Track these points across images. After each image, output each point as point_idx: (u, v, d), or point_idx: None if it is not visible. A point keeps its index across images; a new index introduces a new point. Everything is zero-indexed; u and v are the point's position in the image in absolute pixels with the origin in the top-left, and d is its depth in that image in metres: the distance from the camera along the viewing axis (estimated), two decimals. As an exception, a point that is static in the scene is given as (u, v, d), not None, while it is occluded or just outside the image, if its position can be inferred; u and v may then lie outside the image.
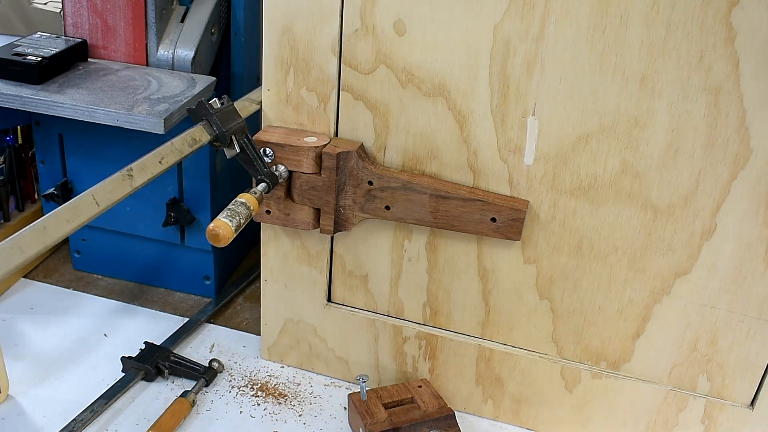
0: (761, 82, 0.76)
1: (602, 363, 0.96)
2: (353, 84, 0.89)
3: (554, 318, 0.95)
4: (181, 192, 1.14)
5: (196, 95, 1.01)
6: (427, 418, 0.94)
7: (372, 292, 1.01)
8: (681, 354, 0.92)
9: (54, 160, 1.16)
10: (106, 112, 0.94)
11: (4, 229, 1.20)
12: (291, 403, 1.03)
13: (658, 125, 0.81)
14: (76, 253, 1.26)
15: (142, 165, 0.76)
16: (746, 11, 0.74)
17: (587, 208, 0.87)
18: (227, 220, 0.77)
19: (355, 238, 0.98)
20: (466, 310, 0.98)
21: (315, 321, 1.05)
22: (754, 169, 0.80)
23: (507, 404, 1.02)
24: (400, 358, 1.04)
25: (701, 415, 0.94)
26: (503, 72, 0.83)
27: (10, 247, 0.63)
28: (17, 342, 1.10)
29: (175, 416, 0.96)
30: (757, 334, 0.88)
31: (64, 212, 0.68)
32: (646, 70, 0.79)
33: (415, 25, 0.84)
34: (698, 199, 0.83)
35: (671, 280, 0.88)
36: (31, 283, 1.24)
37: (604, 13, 0.77)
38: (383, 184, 0.90)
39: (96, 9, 1.07)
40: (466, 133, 0.88)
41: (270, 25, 0.89)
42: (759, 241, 0.83)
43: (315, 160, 0.90)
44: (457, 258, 0.95)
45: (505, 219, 0.88)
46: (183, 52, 1.08)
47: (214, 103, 0.83)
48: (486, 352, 0.99)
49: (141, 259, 1.23)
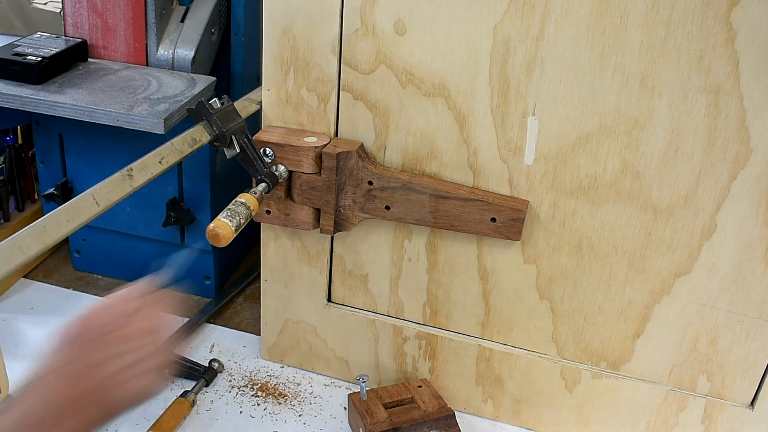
0: (761, 82, 0.76)
1: (602, 363, 0.96)
2: (353, 84, 0.89)
3: (554, 318, 0.95)
4: (181, 192, 1.14)
5: (196, 95, 1.00)
6: (427, 418, 0.94)
7: (372, 292, 1.01)
8: (681, 354, 0.92)
9: (54, 160, 1.16)
10: (106, 112, 0.94)
11: (4, 229, 1.20)
12: (291, 403, 1.03)
13: (658, 125, 0.81)
14: (76, 253, 1.26)
15: (142, 165, 0.76)
16: (746, 11, 0.74)
17: (587, 208, 0.87)
18: (227, 220, 0.77)
19: (355, 238, 0.98)
20: (466, 310, 0.98)
21: (315, 321, 1.05)
22: (754, 169, 0.80)
23: (507, 404, 1.02)
24: (400, 358, 1.04)
25: (701, 415, 0.94)
26: (503, 72, 0.83)
27: (10, 247, 0.63)
28: (17, 342, 1.10)
29: (175, 416, 0.96)
30: (757, 334, 0.88)
31: (64, 212, 0.68)
32: (646, 70, 0.79)
33: (415, 25, 0.84)
34: (698, 199, 0.83)
35: (671, 280, 0.88)
36: (31, 283, 1.23)
37: (604, 13, 0.77)
38: (383, 184, 0.90)
39: (96, 9, 1.07)
40: (466, 133, 0.88)
41: (270, 25, 0.89)
42: (759, 241, 0.83)
43: (315, 160, 0.90)
44: (457, 258, 0.95)
45: (505, 219, 0.88)
46: (183, 52, 1.08)
47: (214, 103, 0.83)
48: (486, 352, 0.99)
49: (141, 259, 1.23)
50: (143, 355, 0.64)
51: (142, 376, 0.64)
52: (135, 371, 0.63)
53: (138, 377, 0.63)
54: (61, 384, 0.59)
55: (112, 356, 0.63)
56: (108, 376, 0.62)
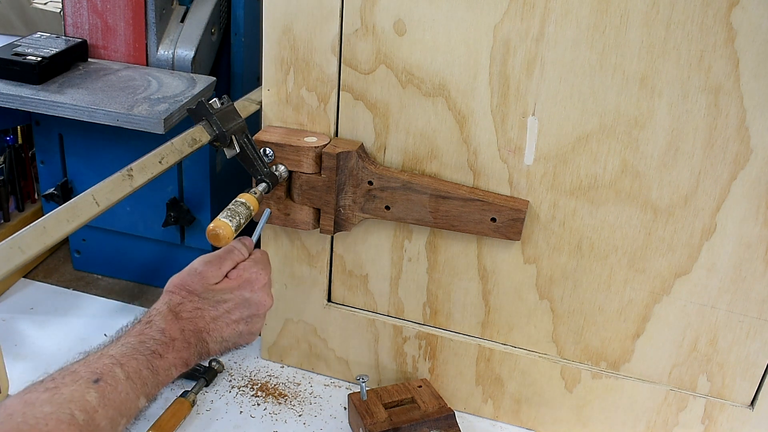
0: (761, 82, 0.76)
1: (602, 363, 0.96)
2: (353, 84, 0.89)
3: (554, 318, 0.95)
4: (181, 192, 1.14)
5: (196, 95, 1.01)
6: (427, 418, 0.94)
7: (372, 292, 1.01)
8: (681, 354, 0.92)
9: (54, 160, 1.16)
10: (106, 112, 0.94)
11: (4, 229, 1.20)
12: (291, 403, 1.03)
13: (658, 125, 0.81)
14: (76, 253, 1.26)
15: (142, 165, 0.76)
16: (746, 11, 0.74)
17: (587, 208, 0.87)
18: (227, 220, 0.77)
19: (355, 238, 0.98)
20: (466, 310, 0.98)
21: (315, 321, 1.05)
22: (754, 169, 0.80)
23: (507, 404, 1.02)
24: (400, 358, 1.04)
25: (701, 415, 0.94)
26: (503, 72, 0.83)
27: (10, 247, 0.63)
28: (17, 342, 1.10)
29: (175, 416, 0.96)
30: (757, 334, 0.88)
31: (64, 212, 0.68)
32: (646, 70, 0.79)
33: (415, 25, 0.84)
34: (698, 199, 0.83)
35: (671, 280, 0.88)
36: (31, 283, 1.23)
37: (604, 13, 0.77)
38: (383, 184, 0.90)
39: (96, 9, 1.07)
40: (466, 133, 0.88)
41: (270, 25, 0.89)
42: (759, 241, 0.83)
43: (315, 160, 0.90)
44: (457, 258, 0.95)
45: (505, 219, 0.88)
46: (183, 52, 1.08)
47: (214, 103, 0.83)
48: (486, 352, 0.99)
49: (141, 259, 1.23)
50: (242, 305, 0.79)
51: (242, 323, 0.79)
52: (235, 318, 0.78)
53: (237, 323, 0.79)
54: (174, 321, 0.74)
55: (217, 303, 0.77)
56: (211, 319, 0.77)
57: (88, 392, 0.62)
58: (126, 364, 0.67)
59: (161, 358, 0.71)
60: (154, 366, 0.70)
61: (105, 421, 0.62)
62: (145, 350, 0.70)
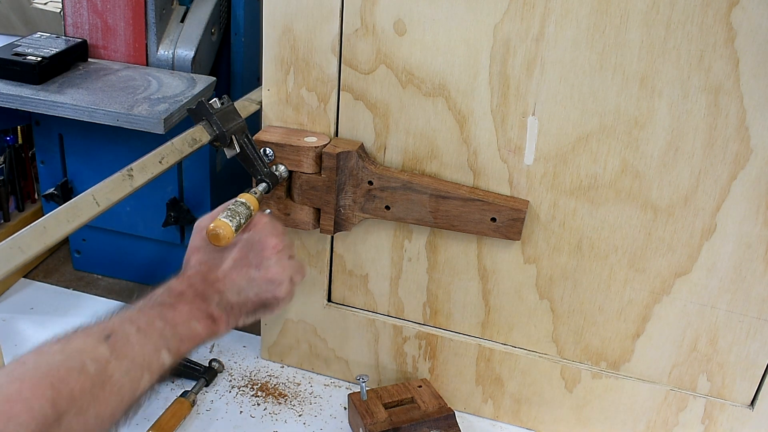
0: (761, 82, 0.76)
1: (602, 363, 0.96)
2: (353, 84, 0.89)
3: (554, 318, 0.95)
4: (181, 192, 1.14)
5: (196, 95, 1.01)
6: (427, 418, 0.94)
7: (372, 292, 1.01)
8: (681, 354, 0.92)
9: (54, 160, 1.16)
10: (106, 112, 0.94)
11: (4, 229, 1.20)
12: (291, 403, 1.03)
13: (658, 125, 0.81)
14: (76, 253, 1.26)
15: (142, 165, 0.76)
16: (746, 11, 0.74)
17: (587, 208, 0.87)
18: (227, 220, 0.77)
19: (355, 238, 0.98)
20: (466, 310, 0.98)
21: (315, 321, 1.05)
22: (754, 169, 0.80)
23: (507, 404, 1.02)
24: (400, 358, 1.04)
25: (701, 415, 0.94)
26: (503, 72, 0.83)
27: (10, 247, 0.63)
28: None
29: (175, 416, 0.96)
30: (757, 334, 0.88)
31: (64, 212, 0.68)
32: (646, 70, 0.79)
33: (415, 25, 0.84)
34: (698, 199, 0.83)
35: (671, 280, 0.88)
36: (31, 283, 1.23)
37: (604, 13, 0.77)
38: (383, 184, 0.90)
39: (96, 9, 1.07)
40: (466, 133, 0.88)
41: (270, 25, 0.89)
42: (759, 241, 0.83)
43: (315, 160, 0.90)
44: (457, 258, 0.95)
45: (505, 219, 0.88)
46: (183, 52, 1.08)
47: (214, 103, 0.83)
48: (486, 352, 0.99)
49: (141, 259, 1.23)
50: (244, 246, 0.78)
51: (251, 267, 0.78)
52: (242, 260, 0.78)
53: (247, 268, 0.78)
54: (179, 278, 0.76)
55: (221, 253, 0.78)
56: (218, 268, 0.77)
57: (100, 344, 0.61)
58: (136, 319, 0.66)
59: (173, 309, 0.70)
60: (168, 317, 0.69)
61: (119, 373, 0.61)
62: (154, 304, 0.70)
